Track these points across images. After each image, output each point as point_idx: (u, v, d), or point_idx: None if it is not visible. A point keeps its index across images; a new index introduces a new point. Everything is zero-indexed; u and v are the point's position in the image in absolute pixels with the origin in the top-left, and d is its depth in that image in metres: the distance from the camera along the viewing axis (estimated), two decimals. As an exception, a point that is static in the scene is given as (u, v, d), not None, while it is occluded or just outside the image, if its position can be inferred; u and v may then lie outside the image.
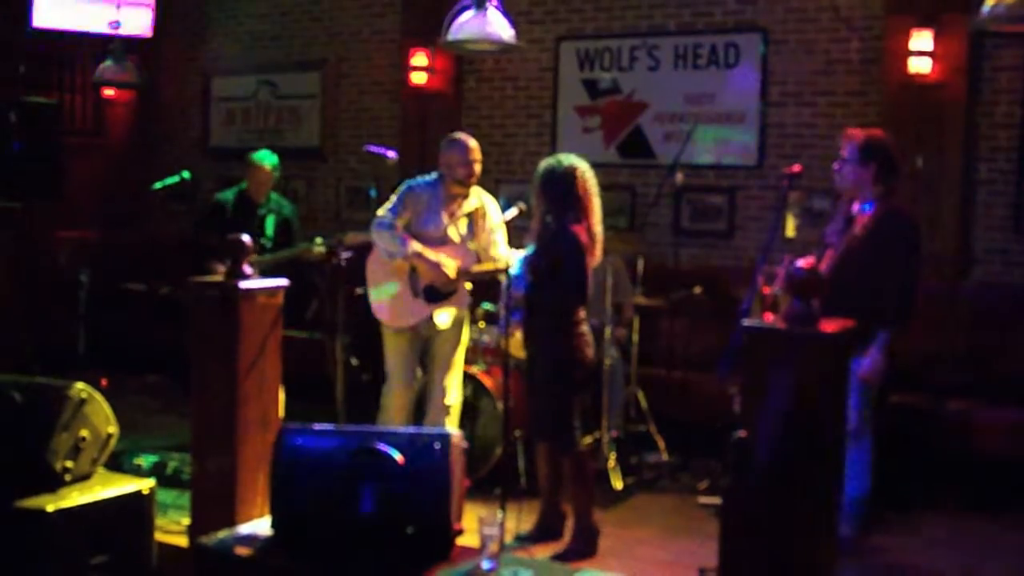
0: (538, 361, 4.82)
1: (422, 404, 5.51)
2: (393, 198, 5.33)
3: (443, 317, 5.29)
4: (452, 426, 5.36)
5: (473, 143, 5.33)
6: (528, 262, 4.81)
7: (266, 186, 6.29)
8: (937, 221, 6.33)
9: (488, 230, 5.35)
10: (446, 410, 5.34)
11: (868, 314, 4.19)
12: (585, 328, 4.79)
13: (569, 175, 4.72)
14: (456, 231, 5.30)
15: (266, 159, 6.29)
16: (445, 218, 5.28)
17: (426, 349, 5.43)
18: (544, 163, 4.82)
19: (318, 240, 6.03)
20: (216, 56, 9.56)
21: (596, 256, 4.79)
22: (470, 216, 5.35)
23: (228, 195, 6.46)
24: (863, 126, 6.56)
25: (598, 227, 4.79)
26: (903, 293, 4.58)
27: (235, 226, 6.20)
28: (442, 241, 5.25)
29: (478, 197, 5.38)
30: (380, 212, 5.32)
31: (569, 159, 4.78)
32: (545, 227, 4.77)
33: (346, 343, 5.30)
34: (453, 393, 5.39)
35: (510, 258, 5.03)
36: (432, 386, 5.41)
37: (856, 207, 4.75)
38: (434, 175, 5.35)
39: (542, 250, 4.76)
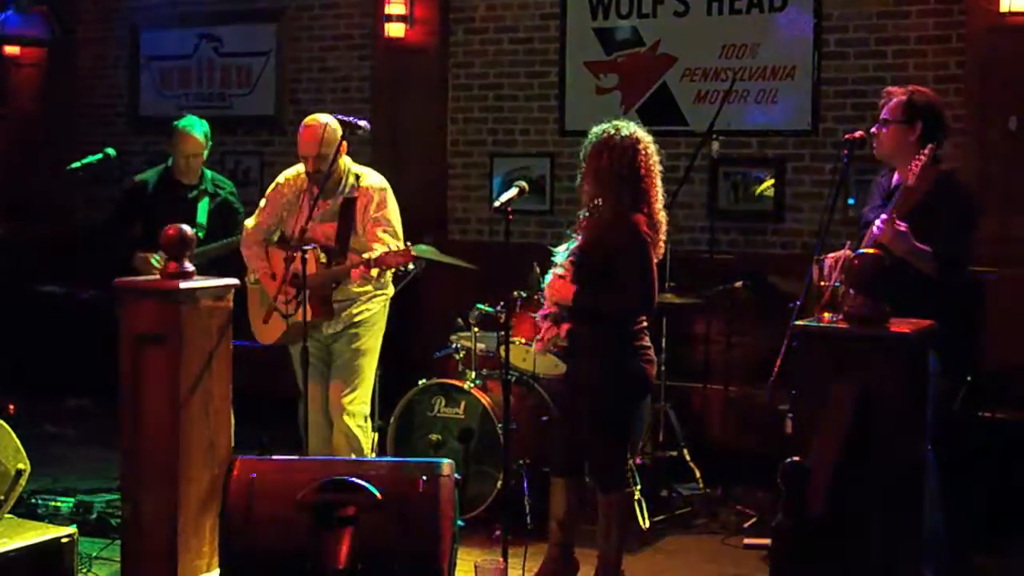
0: (584, 381, 4.79)
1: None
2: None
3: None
4: (358, 445, 5.38)
5: (310, 123, 5.38)
6: (574, 259, 4.78)
7: (197, 161, 6.26)
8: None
9: (370, 220, 5.34)
10: (345, 431, 5.36)
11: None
12: (647, 341, 4.78)
13: (630, 149, 4.70)
14: (322, 230, 5.35)
15: (195, 127, 6.27)
16: (306, 214, 5.29)
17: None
18: (596, 131, 4.77)
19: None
20: (146, 5, 9.55)
21: (659, 250, 4.78)
22: (341, 209, 5.37)
23: (149, 175, 6.44)
24: (942, 80, 6.63)
25: (661, 214, 4.78)
26: (950, 245, 4.56)
27: (157, 212, 6.22)
28: (304, 242, 5.27)
29: (353, 184, 5.41)
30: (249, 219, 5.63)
31: (629, 127, 4.75)
32: (595, 214, 4.76)
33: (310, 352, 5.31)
34: (358, 408, 5.41)
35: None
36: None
37: (897, 179, 4.78)
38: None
39: (593, 244, 4.72)
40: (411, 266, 5.06)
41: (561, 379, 5.18)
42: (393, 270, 5.14)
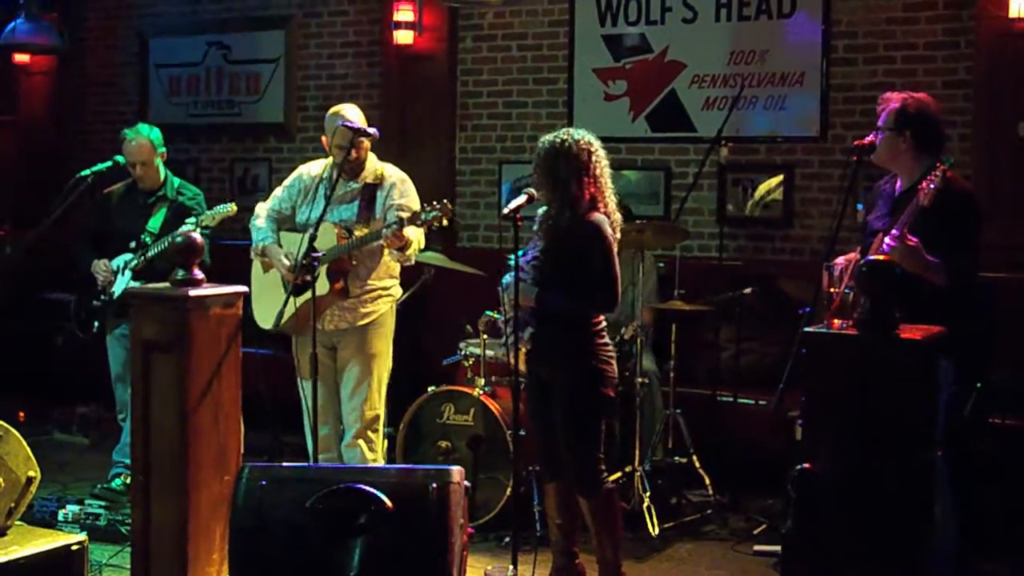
0: (553, 383, 4.82)
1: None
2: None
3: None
4: (371, 452, 5.38)
5: (349, 115, 5.37)
6: (536, 263, 4.79)
7: (148, 168, 6.26)
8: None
9: (392, 207, 5.34)
10: (360, 436, 5.34)
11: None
12: (606, 338, 4.81)
13: (584, 153, 4.74)
14: (338, 216, 5.36)
15: (142, 133, 6.27)
16: (324, 203, 5.31)
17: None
18: (547, 139, 4.83)
19: (188, 220, 6.01)
20: (155, 13, 9.58)
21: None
22: (359, 198, 5.38)
23: (118, 186, 6.48)
24: (951, 85, 6.63)
25: (616, 214, 4.83)
26: (959, 254, 4.54)
27: (115, 219, 6.25)
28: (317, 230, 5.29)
29: (374, 174, 5.43)
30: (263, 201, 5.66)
31: (578, 133, 4.81)
32: (553, 218, 4.78)
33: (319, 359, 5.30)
34: (372, 413, 5.39)
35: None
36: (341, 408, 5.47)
37: (900, 186, 4.77)
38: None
39: (556, 248, 4.75)
40: (445, 222, 5.06)
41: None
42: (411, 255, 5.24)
